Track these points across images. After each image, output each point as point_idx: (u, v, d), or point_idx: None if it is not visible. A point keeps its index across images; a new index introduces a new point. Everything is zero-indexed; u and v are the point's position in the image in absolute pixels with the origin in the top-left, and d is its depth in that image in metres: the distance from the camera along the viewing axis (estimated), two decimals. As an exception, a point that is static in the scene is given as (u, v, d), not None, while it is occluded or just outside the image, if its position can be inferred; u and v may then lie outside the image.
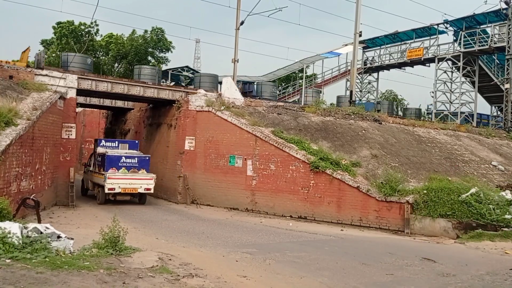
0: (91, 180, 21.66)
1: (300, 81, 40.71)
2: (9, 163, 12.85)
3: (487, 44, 32.06)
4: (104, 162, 19.81)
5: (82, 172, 24.56)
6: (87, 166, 22.83)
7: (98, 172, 20.52)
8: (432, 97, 35.15)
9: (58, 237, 8.52)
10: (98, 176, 20.40)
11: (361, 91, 42.59)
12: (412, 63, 38.09)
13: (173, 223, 15.67)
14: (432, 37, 36.40)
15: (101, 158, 20.42)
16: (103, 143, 21.75)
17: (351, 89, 27.32)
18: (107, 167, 19.46)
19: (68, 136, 18.81)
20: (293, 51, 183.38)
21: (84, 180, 23.19)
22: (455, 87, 34.85)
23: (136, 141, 22.84)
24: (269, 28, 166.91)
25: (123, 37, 41.44)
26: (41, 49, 28.82)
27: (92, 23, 39.81)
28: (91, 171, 21.64)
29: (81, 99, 25.62)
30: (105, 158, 19.76)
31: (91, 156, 22.95)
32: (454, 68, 35.04)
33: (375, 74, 42.80)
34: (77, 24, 40.09)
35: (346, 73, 41.28)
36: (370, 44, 40.75)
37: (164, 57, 43.33)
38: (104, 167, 19.60)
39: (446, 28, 35.25)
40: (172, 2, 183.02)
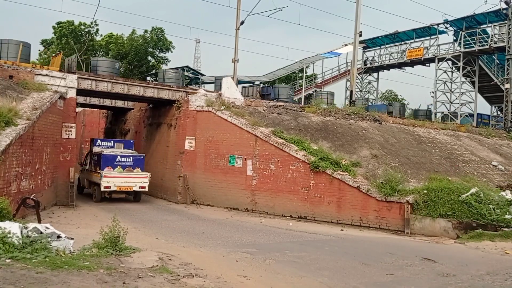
0: (88, 179, 21.90)
1: (300, 81, 40.68)
2: (9, 163, 12.85)
3: (487, 44, 32.07)
4: (100, 161, 20.07)
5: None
6: (83, 165, 23.07)
7: (94, 171, 20.75)
8: (432, 97, 35.19)
9: (58, 237, 8.53)
10: (94, 175, 20.66)
11: (361, 91, 42.58)
12: (412, 63, 38.09)
13: (173, 223, 15.68)
14: (432, 37, 36.41)
15: (97, 157, 20.69)
16: (98, 142, 22.08)
17: (351, 89, 27.36)
18: (103, 166, 19.75)
19: (68, 136, 18.86)
20: (293, 51, 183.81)
21: (80, 179, 23.41)
22: (455, 87, 34.85)
23: (131, 141, 23.13)
24: (269, 28, 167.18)
25: (123, 37, 41.38)
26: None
27: (92, 23, 39.78)
28: (87, 170, 21.85)
29: (81, 99, 25.62)
30: (101, 157, 20.04)
31: (87, 155, 23.22)
32: (454, 68, 35.03)
33: (375, 74, 42.84)
34: (77, 24, 40.01)
35: (346, 73, 41.21)
36: (370, 44, 40.75)
37: (164, 57, 43.24)
38: (100, 166, 19.88)
39: (446, 28, 35.26)
40: (172, 2, 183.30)
